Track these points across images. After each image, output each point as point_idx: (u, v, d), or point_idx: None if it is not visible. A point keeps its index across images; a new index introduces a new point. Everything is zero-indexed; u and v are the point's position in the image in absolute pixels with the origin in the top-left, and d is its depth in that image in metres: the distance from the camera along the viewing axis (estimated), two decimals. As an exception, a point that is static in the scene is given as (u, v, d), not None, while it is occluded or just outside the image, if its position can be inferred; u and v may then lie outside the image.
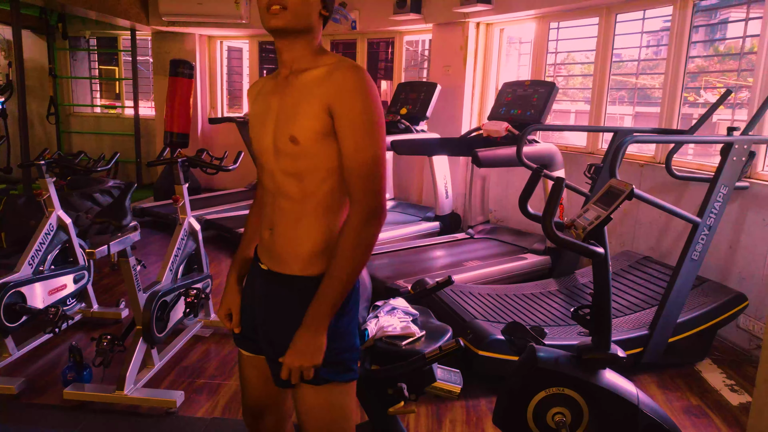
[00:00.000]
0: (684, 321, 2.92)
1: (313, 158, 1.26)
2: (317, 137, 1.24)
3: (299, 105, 1.25)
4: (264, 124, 1.33)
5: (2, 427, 2.34)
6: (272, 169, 1.32)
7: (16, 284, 2.79)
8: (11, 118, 7.36)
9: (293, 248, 1.32)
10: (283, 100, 1.29)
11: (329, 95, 1.21)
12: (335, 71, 1.22)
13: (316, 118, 1.22)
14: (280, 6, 1.21)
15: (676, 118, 3.81)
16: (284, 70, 1.32)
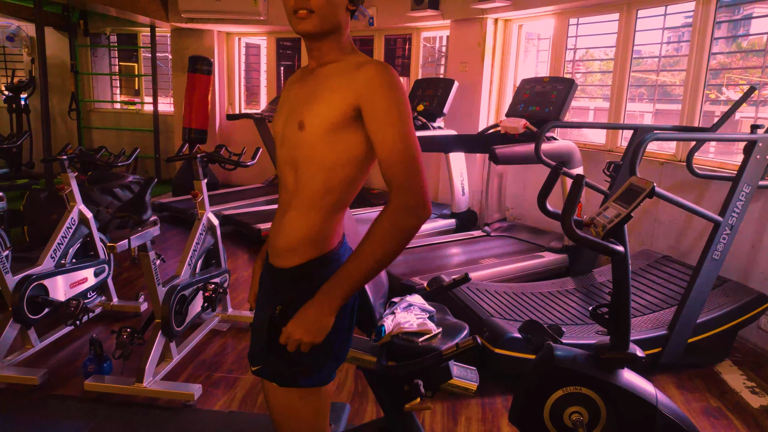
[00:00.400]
0: (704, 321, 2.88)
1: (310, 149, 1.24)
2: (326, 125, 1.22)
3: (316, 92, 1.25)
4: (280, 113, 1.35)
5: (24, 417, 2.39)
6: (280, 159, 1.35)
7: (38, 277, 2.84)
8: (33, 113, 7.49)
9: (281, 241, 1.34)
10: (304, 87, 1.30)
11: (358, 90, 1.19)
12: (364, 66, 1.21)
13: (335, 107, 1.21)
14: (306, 10, 1.21)
15: (697, 115, 3.75)
16: (313, 62, 1.34)
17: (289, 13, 1.24)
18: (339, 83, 1.22)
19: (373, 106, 1.18)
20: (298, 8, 1.22)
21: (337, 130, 1.22)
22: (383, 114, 1.18)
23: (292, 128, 1.26)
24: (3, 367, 2.65)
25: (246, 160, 3.08)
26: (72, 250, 3.19)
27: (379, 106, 1.18)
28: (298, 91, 1.31)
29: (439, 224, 4.96)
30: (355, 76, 1.20)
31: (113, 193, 4.89)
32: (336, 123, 1.21)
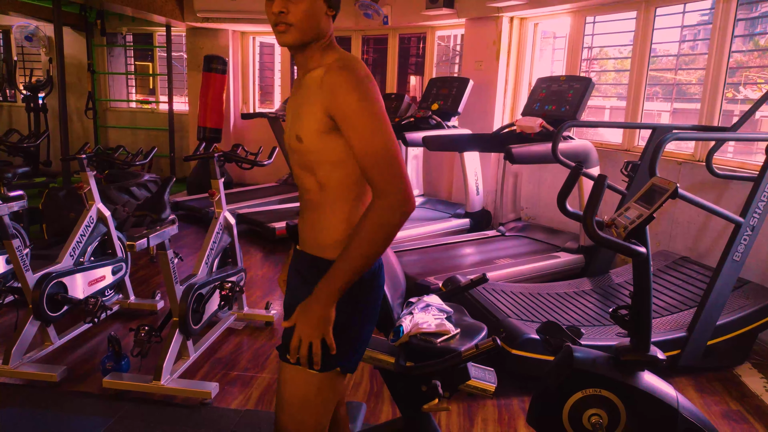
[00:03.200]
0: (724, 323, 2.84)
1: (317, 153, 1.32)
2: (318, 136, 1.29)
3: (302, 106, 1.33)
4: (286, 122, 1.45)
5: (44, 413, 2.42)
6: (293, 164, 1.43)
7: (58, 275, 2.87)
8: (51, 112, 7.58)
9: (315, 234, 1.40)
10: (295, 100, 1.40)
11: (325, 100, 1.25)
12: (325, 75, 1.26)
13: (316, 120, 1.28)
14: (285, 24, 1.28)
15: (717, 114, 3.70)
16: (300, 70, 1.40)
17: (272, 26, 1.31)
18: (314, 96, 1.28)
19: (341, 114, 1.24)
20: (277, 22, 1.28)
21: (329, 135, 1.29)
22: (351, 119, 1.23)
23: (294, 140, 1.36)
24: (23, 364, 2.69)
25: (263, 160, 3.09)
26: (90, 248, 3.22)
27: (345, 113, 1.23)
28: (292, 102, 1.41)
29: (453, 224, 4.94)
30: (322, 86, 1.26)
31: (130, 192, 4.93)
32: (324, 130, 1.28)
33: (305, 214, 1.43)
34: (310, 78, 1.32)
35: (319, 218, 1.37)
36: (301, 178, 1.40)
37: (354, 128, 1.23)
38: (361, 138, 1.23)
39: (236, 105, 7.47)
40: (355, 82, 1.23)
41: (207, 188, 3.04)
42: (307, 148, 1.32)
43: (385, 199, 1.22)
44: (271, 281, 4.10)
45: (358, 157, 1.24)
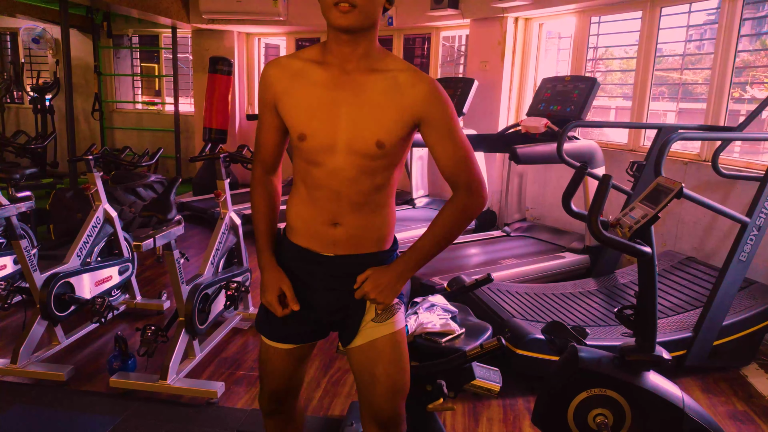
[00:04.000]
0: (730, 324, 2.83)
1: (392, 158, 1.35)
2: (400, 141, 1.34)
3: (386, 111, 1.30)
4: (332, 123, 1.30)
5: (53, 412, 2.44)
6: (339, 167, 1.32)
7: (65, 275, 2.89)
8: (58, 114, 7.63)
9: (369, 234, 1.41)
10: (358, 99, 1.30)
11: (419, 106, 1.30)
12: (420, 83, 1.30)
13: (405, 126, 1.32)
14: (349, 4, 1.20)
15: (723, 114, 3.69)
16: (343, 63, 1.30)
17: (329, 6, 1.22)
18: (403, 102, 1.30)
19: (435, 122, 1.31)
20: (339, 1, 1.20)
21: (406, 140, 1.36)
22: (447, 127, 1.32)
23: (367, 144, 1.30)
24: (31, 363, 2.71)
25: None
26: (97, 248, 3.24)
27: (439, 121, 1.31)
28: (353, 104, 1.30)
29: (462, 223, 4.93)
30: (414, 92, 1.30)
31: (136, 193, 4.95)
32: (406, 136, 1.35)
33: (353, 219, 1.38)
34: (384, 80, 1.30)
35: (375, 219, 1.41)
36: (356, 182, 1.34)
37: (450, 135, 1.33)
38: (455, 143, 1.33)
39: (241, 106, 7.50)
40: (446, 94, 1.33)
41: (213, 189, 3.06)
42: (386, 153, 1.32)
43: (472, 195, 1.37)
44: (276, 281, 4.11)
45: (448, 162, 1.35)
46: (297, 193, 1.43)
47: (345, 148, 1.31)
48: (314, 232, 1.40)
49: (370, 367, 1.43)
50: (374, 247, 1.43)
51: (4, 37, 8.45)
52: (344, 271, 1.42)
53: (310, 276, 1.45)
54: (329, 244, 1.40)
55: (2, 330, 3.19)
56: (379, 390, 1.43)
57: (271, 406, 1.59)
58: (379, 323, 1.42)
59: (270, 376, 1.54)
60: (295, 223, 1.44)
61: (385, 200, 1.40)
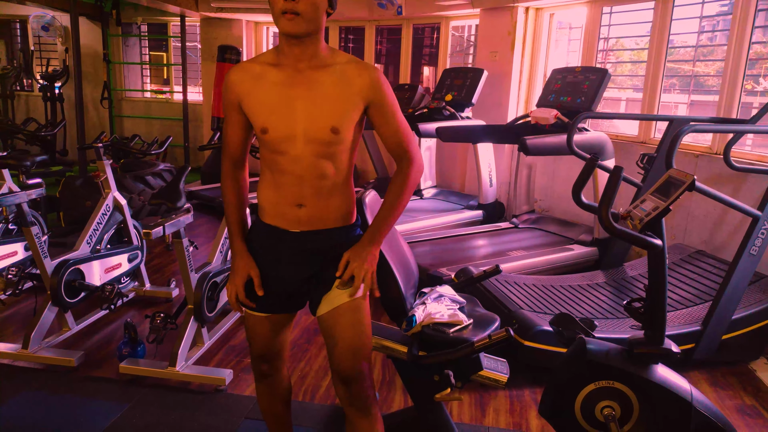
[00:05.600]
0: (739, 318, 2.82)
1: (347, 142, 1.53)
2: (353, 125, 1.52)
3: (337, 100, 1.47)
4: (290, 116, 1.47)
5: (63, 397, 2.46)
6: (300, 155, 1.49)
7: (75, 262, 2.91)
8: (67, 102, 7.66)
9: (331, 213, 1.57)
10: (313, 93, 1.47)
11: (366, 92, 1.49)
12: (364, 72, 1.49)
13: (356, 111, 1.50)
14: (293, 13, 1.38)
15: (735, 106, 3.65)
16: (295, 62, 1.48)
17: (277, 14, 1.40)
18: (353, 90, 1.48)
19: (381, 103, 1.51)
20: (286, 10, 1.38)
21: (359, 124, 1.55)
22: (390, 107, 1.53)
23: (323, 131, 1.48)
24: (41, 349, 2.74)
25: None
26: (107, 236, 3.26)
27: (384, 104, 1.52)
28: (308, 96, 1.47)
29: (465, 215, 4.93)
30: (361, 80, 1.48)
31: (145, 181, 4.98)
32: (359, 120, 1.53)
33: (316, 200, 1.54)
34: (335, 73, 1.48)
35: (336, 198, 1.57)
36: (316, 167, 1.51)
37: (392, 114, 1.54)
38: (397, 123, 1.55)
39: (250, 95, 7.48)
40: (386, 79, 1.52)
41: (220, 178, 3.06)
42: (342, 138, 1.50)
43: (414, 164, 1.59)
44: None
45: (392, 135, 1.56)
46: (264, 179, 1.60)
47: (303, 137, 1.48)
48: (281, 212, 1.57)
49: (332, 329, 1.60)
50: (337, 222, 1.60)
51: (14, 25, 8.48)
52: (310, 245, 1.59)
53: (279, 251, 1.60)
54: (295, 223, 1.56)
55: (13, 316, 3.22)
56: (339, 349, 1.59)
57: (261, 367, 1.75)
58: (341, 291, 1.58)
59: (255, 341, 1.71)
60: (265, 204, 1.61)
61: (343, 181, 1.57)
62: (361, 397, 1.61)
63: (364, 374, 1.60)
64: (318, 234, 1.58)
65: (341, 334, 1.58)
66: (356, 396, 1.60)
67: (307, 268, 1.61)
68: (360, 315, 1.60)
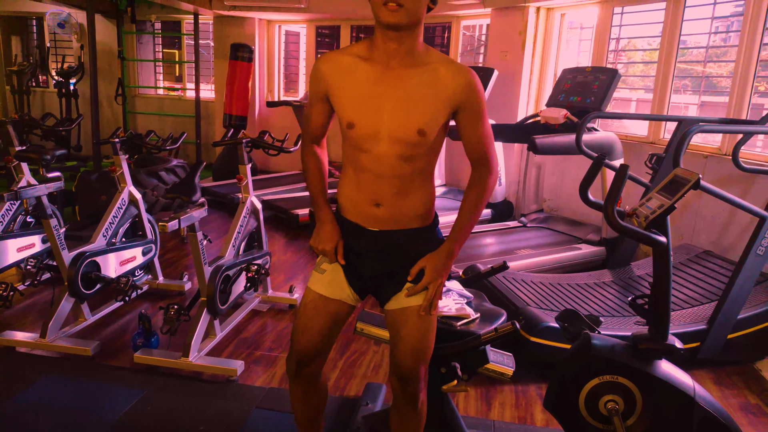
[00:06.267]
0: (745, 318, 2.84)
1: (431, 144, 1.51)
2: (440, 128, 1.50)
3: (428, 102, 1.45)
4: (377, 114, 1.46)
5: (81, 384, 2.53)
6: (383, 154, 1.48)
7: (91, 254, 2.98)
8: (82, 98, 7.76)
9: (408, 213, 1.56)
10: (402, 93, 1.45)
11: (458, 96, 1.46)
12: (460, 75, 1.46)
13: (445, 115, 1.48)
14: (396, 4, 1.34)
15: (745, 107, 3.66)
16: (388, 59, 1.45)
17: (378, 4, 1.36)
18: (446, 93, 1.45)
19: (473, 108, 1.49)
20: (388, 0, 1.34)
21: (445, 127, 1.52)
22: (480, 113, 1.50)
23: (409, 132, 1.46)
24: (59, 338, 2.81)
25: (289, 146, 3.15)
26: (122, 229, 3.33)
27: (474, 109, 1.49)
28: (397, 95, 1.45)
29: (474, 214, 4.95)
30: (453, 84, 1.45)
31: (158, 176, 5.05)
32: (446, 124, 1.51)
33: (393, 200, 1.53)
34: (427, 73, 1.45)
35: (414, 200, 1.56)
36: (397, 167, 1.50)
37: (480, 120, 1.51)
38: (484, 127, 1.53)
39: (261, 93, 7.56)
40: (480, 83, 1.49)
41: (233, 174, 3.12)
42: (427, 140, 1.48)
43: (491, 171, 1.58)
44: (294, 266, 4.19)
45: (476, 142, 1.54)
46: (345, 176, 1.61)
47: (388, 137, 1.47)
48: (360, 210, 1.58)
49: (397, 327, 1.61)
50: (415, 223, 1.59)
51: (31, 22, 8.59)
52: (386, 243, 1.59)
53: (358, 245, 1.62)
54: (373, 222, 1.57)
55: (32, 306, 3.30)
56: (402, 349, 1.60)
57: (298, 366, 1.68)
58: (411, 295, 1.58)
59: (302, 332, 1.65)
60: (345, 202, 1.63)
61: (423, 182, 1.56)
62: (414, 394, 1.65)
63: (420, 376, 1.63)
64: (395, 234, 1.58)
65: (407, 334, 1.59)
66: (409, 393, 1.64)
67: (382, 265, 1.61)
68: (428, 320, 1.60)
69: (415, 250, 1.59)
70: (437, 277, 1.55)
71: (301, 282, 3.85)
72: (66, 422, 2.27)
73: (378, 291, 1.65)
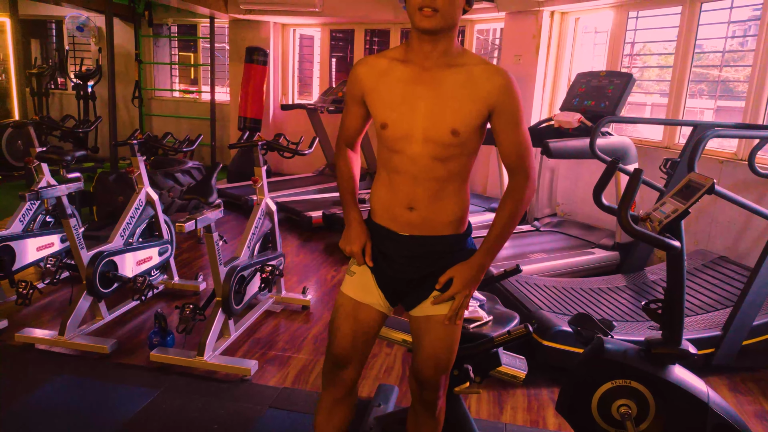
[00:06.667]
0: (760, 324, 2.81)
1: (465, 146, 1.48)
2: (475, 130, 1.46)
3: (462, 102, 1.43)
4: (411, 114, 1.45)
5: (98, 382, 2.58)
6: (416, 154, 1.47)
7: (109, 254, 3.03)
8: (99, 100, 7.88)
9: (442, 218, 1.53)
10: (436, 93, 1.44)
11: (493, 97, 1.43)
12: (495, 76, 1.43)
13: (479, 116, 1.44)
14: (431, 9, 1.35)
15: (762, 112, 3.63)
16: (423, 60, 1.45)
17: (414, 9, 1.37)
18: (479, 94, 1.43)
19: (506, 112, 1.45)
20: (424, 6, 1.35)
21: (479, 129, 1.48)
22: (515, 117, 1.46)
23: (442, 133, 1.44)
24: (77, 336, 2.86)
25: (303, 149, 3.19)
26: (139, 230, 3.38)
27: (509, 112, 1.45)
28: (431, 96, 1.44)
29: (487, 217, 4.96)
30: (490, 84, 1.42)
31: (174, 178, 5.12)
32: (481, 125, 1.47)
33: (427, 203, 1.50)
34: (462, 74, 1.43)
35: (448, 204, 1.52)
36: (432, 169, 1.47)
37: (516, 124, 1.46)
38: (520, 132, 1.47)
39: (275, 96, 7.62)
40: (518, 89, 1.45)
41: (247, 177, 3.16)
42: (461, 141, 1.45)
43: (529, 180, 1.50)
44: (307, 268, 4.22)
45: (512, 145, 1.48)
46: (379, 178, 1.59)
47: (422, 137, 1.45)
48: (392, 213, 1.55)
49: (421, 335, 1.60)
50: (447, 230, 1.54)
51: (50, 25, 8.75)
52: (418, 249, 1.56)
53: (388, 249, 1.59)
54: (405, 226, 1.54)
55: (50, 304, 3.36)
56: (423, 357, 1.61)
57: (333, 368, 1.67)
58: (437, 304, 1.56)
59: (334, 335, 1.64)
60: (375, 205, 1.61)
61: (458, 187, 1.52)
62: (431, 402, 1.67)
63: (440, 384, 1.64)
64: (427, 240, 1.54)
65: (429, 344, 1.59)
66: (427, 399, 1.66)
67: (411, 270, 1.57)
68: (452, 330, 1.58)
69: (446, 257, 1.56)
70: (465, 288, 1.53)
71: (314, 284, 3.88)
72: (80, 420, 2.31)
73: (405, 295, 1.62)
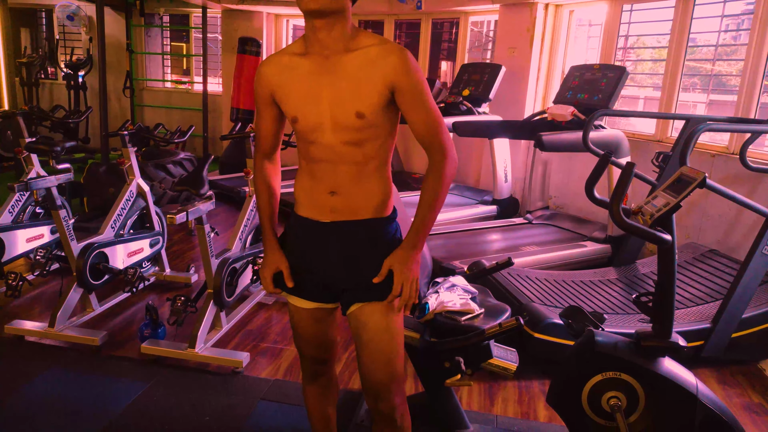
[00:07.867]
0: (749, 317, 2.84)
1: (377, 128, 1.47)
2: (380, 110, 1.45)
3: (361, 84, 1.42)
4: (317, 104, 1.45)
5: (88, 375, 2.57)
6: (330, 142, 1.47)
7: (100, 245, 3.01)
8: (90, 90, 7.80)
9: (364, 201, 1.52)
10: (337, 79, 1.43)
11: (390, 74, 1.41)
12: (390, 55, 1.41)
13: (380, 95, 1.43)
14: None
15: (754, 107, 3.65)
16: (322, 49, 1.44)
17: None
18: (377, 73, 1.42)
19: (406, 89, 1.43)
20: None
21: (387, 109, 1.46)
22: (415, 95, 1.44)
23: (348, 117, 1.44)
24: (67, 328, 2.84)
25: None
26: (130, 221, 3.36)
27: (410, 89, 1.43)
28: (333, 83, 1.44)
29: (480, 210, 4.97)
30: (385, 62, 1.41)
31: (166, 169, 5.08)
32: (385, 104, 1.45)
33: (348, 186, 1.49)
34: (359, 57, 1.42)
35: (370, 186, 1.51)
36: (347, 154, 1.47)
37: (421, 100, 1.44)
38: (427, 110, 1.46)
39: (269, 87, 7.56)
40: (416, 63, 1.44)
41: (240, 168, 3.14)
42: (369, 123, 1.44)
43: (447, 157, 1.48)
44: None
45: (421, 124, 1.46)
46: (301, 168, 1.59)
47: (331, 125, 1.46)
48: (314, 201, 1.54)
49: (359, 331, 1.57)
50: (371, 213, 1.53)
51: (40, 14, 8.63)
52: (341, 236, 1.54)
53: (310, 243, 1.58)
54: (328, 212, 1.52)
55: (40, 296, 3.34)
56: (365, 356, 1.57)
57: (313, 368, 1.73)
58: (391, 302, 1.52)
59: (302, 340, 1.68)
60: (299, 195, 1.59)
61: (378, 169, 1.52)
62: (389, 413, 1.59)
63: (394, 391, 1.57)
64: (350, 225, 1.52)
65: (368, 338, 1.54)
66: (384, 411, 1.59)
67: (338, 259, 1.55)
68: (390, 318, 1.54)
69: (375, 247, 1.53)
70: (408, 271, 1.48)
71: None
72: (71, 412, 2.30)
73: (339, 298, 1.60)
